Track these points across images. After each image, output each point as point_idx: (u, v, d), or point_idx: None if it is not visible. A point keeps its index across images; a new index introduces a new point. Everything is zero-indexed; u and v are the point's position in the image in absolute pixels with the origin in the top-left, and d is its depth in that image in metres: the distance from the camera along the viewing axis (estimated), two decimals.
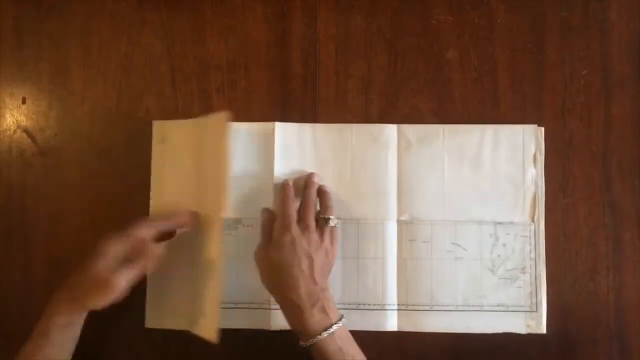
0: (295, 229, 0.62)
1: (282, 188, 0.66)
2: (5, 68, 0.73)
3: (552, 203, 0.70)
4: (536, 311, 0.68)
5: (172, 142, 0.69)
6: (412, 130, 0.70)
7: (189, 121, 0.69)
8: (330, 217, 0.65)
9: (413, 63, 0.72)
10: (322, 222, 0.64)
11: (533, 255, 0.68)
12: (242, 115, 0.70)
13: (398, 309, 0.68)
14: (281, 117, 0.70)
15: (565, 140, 0.70)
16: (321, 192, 0.67)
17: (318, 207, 0.67)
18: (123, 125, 0.72)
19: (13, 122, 0.72)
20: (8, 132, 0.72)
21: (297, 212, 0.64)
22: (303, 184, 0.67)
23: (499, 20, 0.72)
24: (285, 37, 0.72)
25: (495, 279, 0.68)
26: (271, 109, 0.71)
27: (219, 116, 0.65)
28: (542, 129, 0.69)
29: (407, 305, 0.68)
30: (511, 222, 0.68)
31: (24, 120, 0.72)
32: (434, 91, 0.71)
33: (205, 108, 0.71)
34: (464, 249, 0.68)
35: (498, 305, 0.68)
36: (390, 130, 0.70)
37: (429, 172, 0.69)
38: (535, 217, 0.68)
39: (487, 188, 0.69)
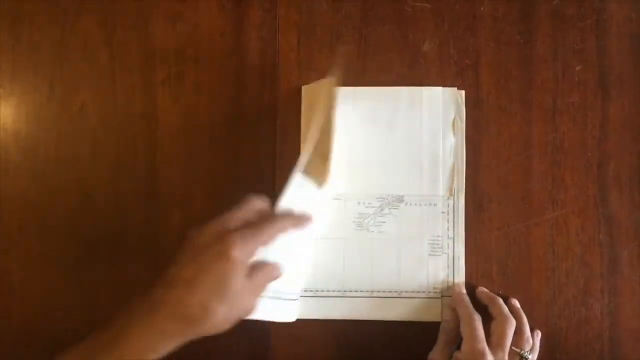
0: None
1: (459, 299, 0.62)
2: None
3: (540, 216, 0.65)
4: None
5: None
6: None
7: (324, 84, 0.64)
8: (527, 354, 0.60)
9: (385, 55, 0.66)
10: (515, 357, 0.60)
11: (451, 234, 0.64)
12: (191, 111, 0.65)
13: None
14: (234, 115, 0.65)
15: (556, 145, 0.66)
16: (517, 317, 0.61)
17: None
18: (54, 121, 0.66)
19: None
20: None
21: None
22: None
23: (482, 8, 0.67)
24: (241, 24, 0.67)
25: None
26: (224, 105, 0.66)
27: (329, 81, 0.59)
28: (463, 92, 0.65)
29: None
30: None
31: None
32: (408, 86, 0.66)
33: (148, 103, 0.66)
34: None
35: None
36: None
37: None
38: (454, 191, 0.64)
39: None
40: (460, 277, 0.64)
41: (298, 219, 0.52)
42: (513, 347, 0.59)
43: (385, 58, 0.66)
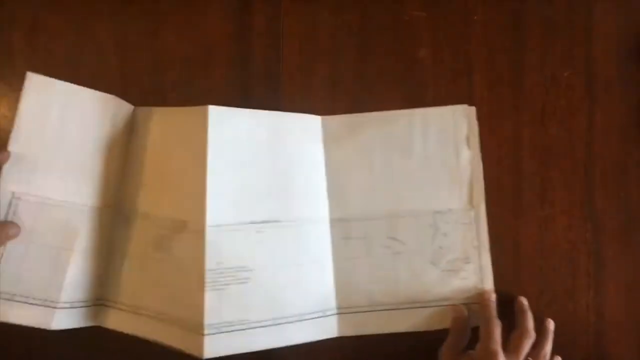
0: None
1: (487, 304, 0.62)
2: None
3: (529, 215, 0.66)
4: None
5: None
6: (337, 121, 0.66)
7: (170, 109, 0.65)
8: None
9: (383, 61, 0.68)
10: None
11: (476, 244, 0.64)
12: None
13: (339, 313, 0.63)
14: None
15: (545, 148, 0.67)
16: (544, 335, 0.62)
17: None
18: None
19: None
20: None
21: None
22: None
23: (475, 17, 0.68)
24: (246, 31, 0.68)
25: (437, 272, 0.64)
26: None
27: (201, 109, 0.60)
28: (474, 108, 0.66)
29: (348, 307, 0.64)
30: (450, 210, 0.64)
31: None
32: (405, 92, 0.67)
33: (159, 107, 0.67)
34: (402, 242, 0.64)
35: (444, 300, 0.64)
36: (314, 123, 0.66)
37: (358, 165, 0.65)
38: (475, 202, 0.65)
39: (420, 176, 0.65)
40: (489, 283, 0.64)
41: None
42: (530, 359, 0.59)
43: (383, 64, 0.67)
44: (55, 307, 0.60)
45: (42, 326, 0.59)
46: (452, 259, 0.64)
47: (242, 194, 0.61)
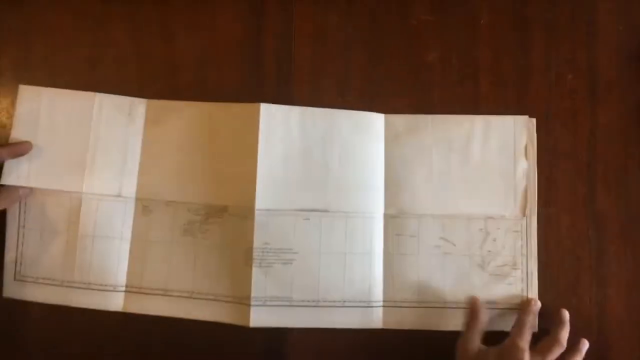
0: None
1: (530, 309, 0.64)
2: None
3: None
4: None
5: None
6: (400, 120, 0.67)
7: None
8: None
9: (392, 64, 0.69)
10: None
11: (524, 251, 0.66)
12: None
13: (383, 306, 0.65)
14: None
15: (549, 148, 0.68)
16: (576, 352, 0.63)
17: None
18: None
19: None
20: None
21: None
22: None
23: (482, 21, 0.70)
24: (259, 34, 0.70)
25: (485, 275, 0.66)
26: None
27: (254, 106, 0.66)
28: (534, 119, 0.67)
29: (394, 301, 0.66)
30: (502, 217, 0.66)
31: None
32: (413, 94, 0.69)
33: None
34: (452, 244, 0.66)
35: (489, 303, 0.65)
36: (378, 121, 0.67)
37: (417, 164, 0.67)
38: (527, 211, 0.66)
39: (477, 181, 0.66)
40: (534, 291, 0.65)
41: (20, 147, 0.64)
42: None
43: (392, 66, 0.69)
44: (114, 291, 0.66)
45: (110, 308, 0.65)
46: (500, 264, 0.66)
47: (291, 183, 0.65)
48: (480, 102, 0.68)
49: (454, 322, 0.65)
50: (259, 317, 0.64)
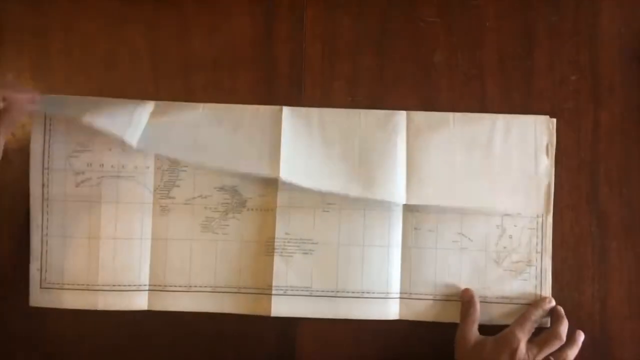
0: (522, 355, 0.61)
1: (541, 306, 0.66)
2: None
3: None
4: None
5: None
6: (422, 116, 0.69)
7: None
8: None
9: (400, 64, 0.71)
10: None
11: (539, 249, 0.68)
12: None
13: (400, 298, 0.67)
14: None
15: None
16: (572, 343, 0.65)
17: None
18: None
19: None
20: None
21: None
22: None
23: (487, 24, 0.71)
24: (271, 36, 0.71)
25: (499, 270, 0.68)
26: None
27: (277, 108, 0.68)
28: (554, 120, 0.69)
29: (410, 294, 0.67)
30: (519, 214, 0.68)
31: None
32: (421, 94, 0.71)
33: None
34: (469, 239, 0.68)
35: (502, 298, 0.67)
36: (400, 116, 0.69)
37: (438, 160, 0.68)
38: (544, 210, 0.68)
39: (496, 178, 0.68)
40: (547, 288, 0.67)
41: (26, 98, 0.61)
42: (551, 357, 0.62)
43: (400, 67, 0.71)
44: (138, 290, 0.68)
45: (138, 308, 0.67)
46: (515, 261, 0.68)
47: (312, 177, 0.67)
48: (486, 102, 0.70)
49: None
50: (280, 307, 0.67)
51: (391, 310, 0.67)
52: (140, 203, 0.68)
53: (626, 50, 0.70)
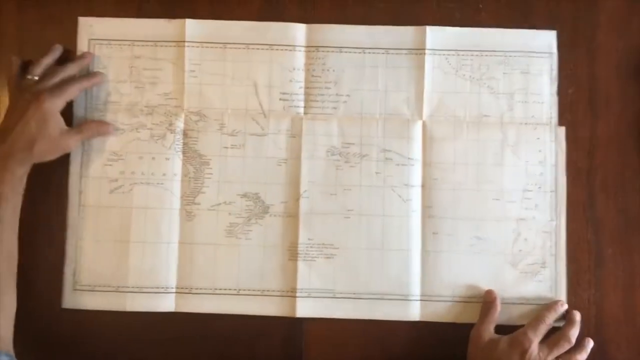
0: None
1: (553, 308, 0.67)
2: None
3: None
4: None
5: None
6: (437, 124, 0.71)
7: None
8: None
9: None
10: None
11: (554, 251, 0.70)
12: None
13: (420, 300, 0.70)
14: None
15: None
16: (581, 348, 0.66)
17: None
18: None
19: None
20: None
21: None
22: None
23: None
24: None
25: (516, 273, 0.70)
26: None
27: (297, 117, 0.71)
28: (563, 127, 0.71)
29: (430, 296, 0.70)
30: (533, 218, 0.70)
31: None
32: None
33: None
34: (486, 242, 0.70)
35: (519, 299, 0.70)
36: (416, 125, 0.71)
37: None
38: (557, 214, 0.70)
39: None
40: (562, 289, 0.69)
41: (93, 78, 0.70)
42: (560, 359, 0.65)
43: None
44: (165, 292, 0.70)
45: (166, 310, 0.70)
46: (531, 263, 0.70)
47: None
48: None
49: None
50: (304, 308, 0.70)
51: (411, 312, 0.70)
52: (168, 209, 0.71)
53: (623, 65, 0.72)
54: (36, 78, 0.67)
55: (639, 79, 0.72)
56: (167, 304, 0.70)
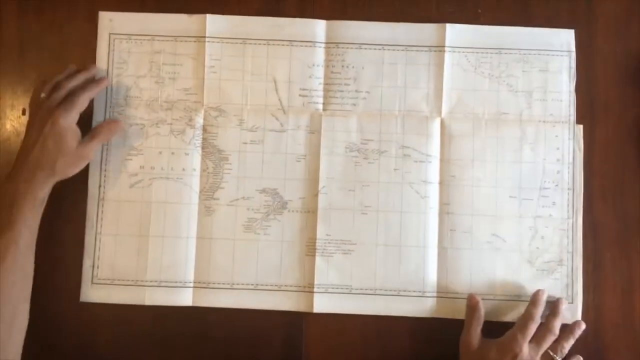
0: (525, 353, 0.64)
1: (536, 303, 0.67)
2: (7, 80, 0.74)
3: None
4: (572, 302, 0.71)
5: None
6: (456, 121, 0.72)
7: None
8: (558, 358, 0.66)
9: None
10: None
11: (570, 249, 0.71)
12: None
13: (437, 296, 0.71)
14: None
15: None
16: (570, 332, 0.68)
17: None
18: None
19: (13, 133, 0.74)
20: (8, 142, 0.74)
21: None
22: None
23: None
24: None
25: (533, 270, 0.71)
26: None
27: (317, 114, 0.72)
28: (581, 126, 0.72)
29: (446, 292, 0.71)
30: (550, 216, 0.71)
31: (24, 132, 0.69)
32: None
33: None
34: (503, 240, 0.71)
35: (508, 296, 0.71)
36: (434, 122, 0.72)
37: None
38: (574, 212, 0.71)
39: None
40: (579, 286, 0.70)
41: (100, 83, 0.69)
42: (549, 351, 0.65)
43: None
44: (184, 287, 0.70)
45: (183, 304, 0.70)
46: (547, 260, 0.71)
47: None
48: None
49: (504, 314, 0.71)
50: (322, 303, 0.70)
51: (428, 308, 0.71)
52: (187, 204, 0.71)
53: (621, 70, 0.73)
54: (43, 95, 0.66)
55: (637, 82, 0.73)
56: (185, 298, 0.70)
